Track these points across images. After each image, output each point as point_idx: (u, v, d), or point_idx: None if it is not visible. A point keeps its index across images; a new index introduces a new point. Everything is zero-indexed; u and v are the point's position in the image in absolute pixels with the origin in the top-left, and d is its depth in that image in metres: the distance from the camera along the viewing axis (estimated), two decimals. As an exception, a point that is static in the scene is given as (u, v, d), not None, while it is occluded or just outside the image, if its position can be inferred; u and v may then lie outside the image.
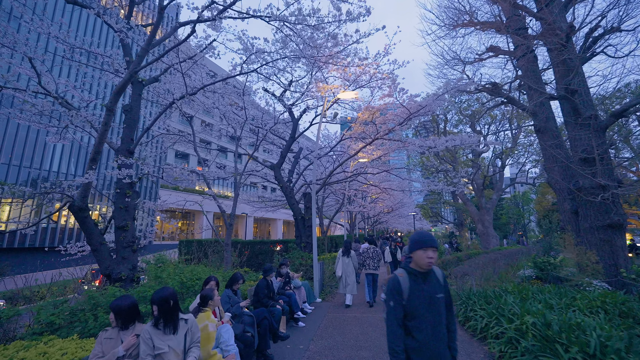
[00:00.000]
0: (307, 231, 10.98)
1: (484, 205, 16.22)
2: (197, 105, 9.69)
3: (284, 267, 6.15)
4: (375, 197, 23.34)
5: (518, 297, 5.14)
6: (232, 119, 9.97)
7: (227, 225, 8.49)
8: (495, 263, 9.10)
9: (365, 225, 31.95)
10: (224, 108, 9.95)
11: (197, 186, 39.32)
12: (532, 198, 33.76)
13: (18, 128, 20.22)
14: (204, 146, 12.21)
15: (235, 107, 10.30)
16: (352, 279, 7.10)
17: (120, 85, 5.22)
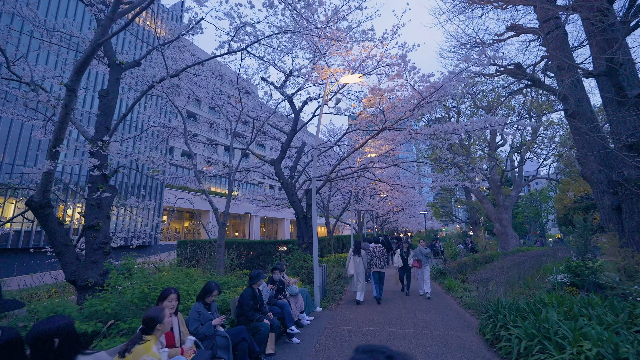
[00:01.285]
0: (309, 231, 10.14)
1: (501, 202, 15.05)
2: (188, 96, 8.97)
3: (276, 272, 5.32)
4: (384, 196, 22.34)
5: (561, 312, 4.16)
6: (228, 111, 9.22)
7: (219, 225, 7.72)
8: (520, 266, 8.06)
9: (374, 225, 30.91)
10: (219, 99, 9.21)
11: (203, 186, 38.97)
12: (551, 196, 32.07)
13: (10, 125, 19.84)
14: (198, 141, 11.50)
15: (232, 99, 9.56)
16: (363, 277, 7.47)
17: (81, 60, 4.47)
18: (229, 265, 10.20)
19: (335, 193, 18.48)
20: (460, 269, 10.39)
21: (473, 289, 8.17)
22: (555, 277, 6.97)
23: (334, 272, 10.45)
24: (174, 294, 2.80)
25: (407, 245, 8.42)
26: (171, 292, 2.79)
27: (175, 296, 2.79)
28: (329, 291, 8.35)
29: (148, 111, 9.18)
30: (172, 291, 2.81)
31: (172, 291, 2.81)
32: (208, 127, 13.26)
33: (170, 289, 2.83)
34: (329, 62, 8.96)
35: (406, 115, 7.73)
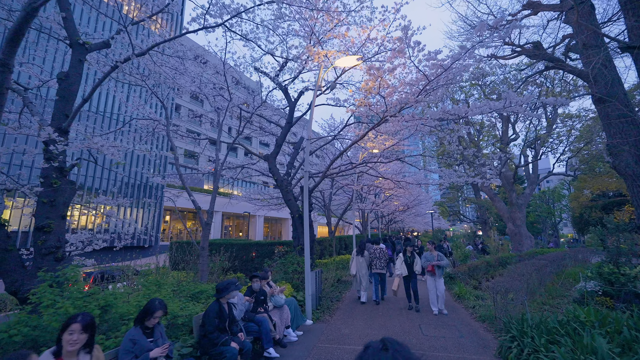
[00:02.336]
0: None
1: (514, 200, 14.02)
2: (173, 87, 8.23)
3: (255, 280, 4.52)
4: (389, 195, 21.41)
5: (604, 334, 3.27)
6: (215, 101, 8.47)
7: (202, 225, 6.96)
8: (540, 271, 7.12)
9: (379, 225, 29.97)
10: (205, 89, 8.47)
11: (205, 185, 38.54)
12: (564, 194, 30.68)
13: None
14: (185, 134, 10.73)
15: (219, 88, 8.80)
16: (366, 277, 7.53)
17: (13, 29, 3.76)
18: (218, 268, 9.45)
19: (337, 191, 17.64)
20: (471, 273, 9.47)
21: (487, 296, 7.26)
22: (583, 285, 6.03)
23: (333, 275, 9.63)
24: (78, 323, 1.97)
25: (411, 249, 6.89)
26: (75, 321, 1.98)
27: (80, 326, 1.96)
28: (325, 299, 7.52)
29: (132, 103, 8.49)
30: (78, 319, 1.99)
31: (78, 319, 1.99)
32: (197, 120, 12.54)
33: (77, 315, 2.01)
34: (326, 47, 8.16)
35: (410, 102, 6.86)
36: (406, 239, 18.25)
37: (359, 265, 7.49)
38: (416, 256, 6.83)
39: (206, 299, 5.34)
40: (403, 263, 6.81)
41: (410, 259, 6.83)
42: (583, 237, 30.69)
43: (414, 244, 6.82)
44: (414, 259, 6.80)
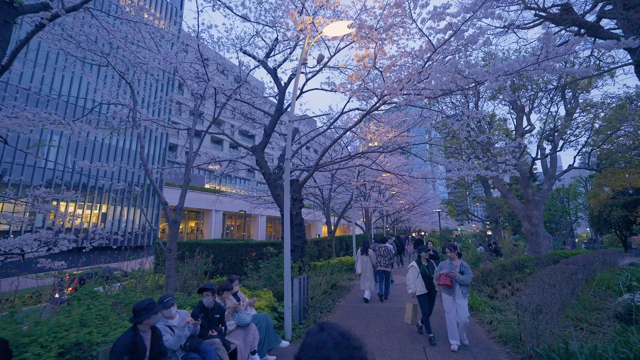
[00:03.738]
0: (296, 231, 8.30)
1: (531, 197, 12.73)
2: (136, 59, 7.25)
3: (207, 295, 3.46)
4: (394, 192, 20.23)
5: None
6: (191, 80, 7.46)
7: (170, 223, 5.96)
8: (570, 278, 5.92)
9: (384, 224, 28.77)
10: (183, 72, 7.47)
11: (206, 184, 37.79)
12: (581, 191, 28.99)
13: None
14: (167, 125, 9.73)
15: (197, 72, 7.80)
16: (370, 276, 7.62)
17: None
18: (197, 272, 8.45)
19: (337, 188, 16.54)
20: (484, 278, 8.29)
21: (505, 307, 6.10)
22: (631, 297, 4.83)
23: (326, 280, 8.55)
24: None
25: (426, 255, 5.01)
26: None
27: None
28: (313, 309, 6.45)
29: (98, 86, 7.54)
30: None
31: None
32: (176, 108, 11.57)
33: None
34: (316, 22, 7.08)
35: (412, 77, 5.74)
36: (418, 241, 16.83)
37: (363, 265, 7.65)
38: (435, 266, 4.90)
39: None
40: (419, 276, 4.79)
41: (429, 269, 4.84)
42: (601, 237, 29.01)
43: (425, 247, 5.14)
44: (432, 270, 4.84)
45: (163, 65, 7.26)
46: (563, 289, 4.84)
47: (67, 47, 5.91)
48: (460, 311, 4.34)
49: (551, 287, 4.54)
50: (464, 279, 4.35)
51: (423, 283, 4.77)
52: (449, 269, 4.48)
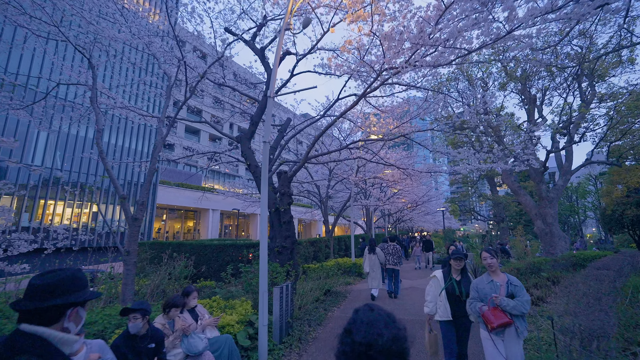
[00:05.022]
0: (284, 230, 7.35)
1: (544, 194, 11.70)
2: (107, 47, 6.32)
3: (134, 319, 2.49)
4: (396, 191, 19.26)
5: None
6: (164, 58, 6.53)
7: (128, 221, 5.01)
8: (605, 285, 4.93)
9: (386, 223, 27.81)
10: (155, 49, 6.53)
11: (203, 183, 36.88)
12: (591, 190, 27.85)
13: None
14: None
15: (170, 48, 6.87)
16: (378, 274, 7.64)
17: None
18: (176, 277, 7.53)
19: (335, 185, 15.58)
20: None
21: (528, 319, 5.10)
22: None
23: (319, 286, 7.59)
24: None
25: (461, 265, 3.31)
26: None
27: None
28: (301, 321, 5.48)
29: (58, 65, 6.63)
30: None
31: None
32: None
33: None
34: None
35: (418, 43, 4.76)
36: (426, 242, 14.79)
37: (371, 263, 7.66)
38: (470, 278, 3.31)
39: (91, 336, 3.38)
40: (443, 294, 3.25)
41: (461, 286, 3.22)
42: (611, 237, 27.88)
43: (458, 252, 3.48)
44: (465, 285, 3.22)
45: (131, 40, 6.33)
46: (610, 303, 3.86)
47: (6, 12, 4.97)
48: (514, 358, 2.58)
49: (596, 301, 3.55)
50: (517, 306, 2.57)
51: (447, 305, 3.16)
52: (489, 290, 2.78)
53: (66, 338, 1.14)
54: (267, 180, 4.39)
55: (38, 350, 1.05)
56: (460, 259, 3.29)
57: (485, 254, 2.99)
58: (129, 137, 25.71)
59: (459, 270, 3.30)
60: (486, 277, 2.93)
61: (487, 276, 2.93)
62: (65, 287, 1.19)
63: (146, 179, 5.38)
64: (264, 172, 4.35)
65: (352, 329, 0.99)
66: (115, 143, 24.61)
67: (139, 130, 26.50)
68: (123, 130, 25.10)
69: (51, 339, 1.10)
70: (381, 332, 0.95)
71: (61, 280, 1.19)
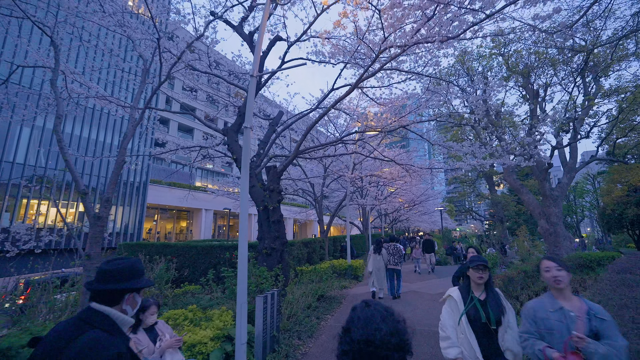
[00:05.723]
0: (273, 230, 6.70)
1: (548, 192, 11.21)
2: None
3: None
4: (393, 190, 18.73)
5: None
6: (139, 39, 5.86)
7: (90, 220, 4.34)
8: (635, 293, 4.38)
9: (383, 223, 27.30)
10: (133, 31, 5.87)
11: (197, 182, 36.03)
12: (589, 189, 27.59)
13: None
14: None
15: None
16: (382, 274, 7.63)
17: None
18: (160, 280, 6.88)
19: (330, 183, 14.98)
20: (505, 287, 6.75)
21: None
22: None
23: (311, 291, 6.96)
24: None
25: (484, 277, 2.29)
26: None
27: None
28: (290, 333, 4.85)
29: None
30: None
31: None
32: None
33: None
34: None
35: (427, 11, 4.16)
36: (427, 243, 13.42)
37: (376, 263, 7.63)
38: (505, 307, 2.24)
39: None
40: (463, 322, 2.23)
41: (489, 307, 2.22)
42: (609, 237, 27.66)
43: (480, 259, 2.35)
44: (500, 312, 2.20)
45: (101, 20, 5.65)
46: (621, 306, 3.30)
47: None
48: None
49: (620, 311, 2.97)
50: (609, 356, 1.65)
51: (473, 339, 2.15)
52: (558, 323, 1.86)
53: (125, 318, 1.30)
54: (248, 170, 3.76)
55: (105, 326, 1.22)
56: (485, 268, 2.29)
57: (548, 262, 1.98)
58: (111, 132, 24.64)
59: (482, 284, 2.31)
60: (550, 301, 1.94)
61: (552, 299, 1.94)
62: (126, 274, 1.34)
63: (113, 172, 4.71)
64: (244, 161, 3.72)
65: (351, 328, 0.99)
66: (88, 136, 23.14)
67: (121, 124, 25.56)
68: (104, 124, 23.96)
69: (114, 318, 1.26)
70: (379, 327, 0.95)
71: (123, 268, 1.35)
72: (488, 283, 2.33)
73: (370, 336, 0.94)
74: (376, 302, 1.06)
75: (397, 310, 1.03)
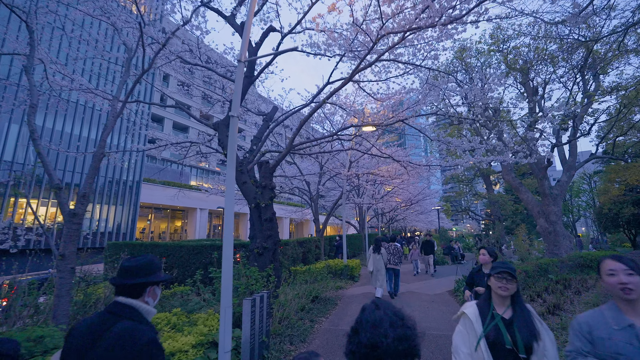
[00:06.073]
0: (265, 228, 6.40)
1: (548, 190, 11.03)
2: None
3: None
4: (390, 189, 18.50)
5: None
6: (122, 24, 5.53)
7: (65, 217, 4.01)
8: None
9: (379, 223, 27.08)
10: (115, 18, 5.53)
11: (192, 181, 35.52)
12: (585, 189, 27.60)
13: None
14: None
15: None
16: (382, 273, 7.60)
17: None
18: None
19: (326, 182, 14.70)
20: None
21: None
22: None
23: (306, 291, 6.67)
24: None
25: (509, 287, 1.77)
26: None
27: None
28: (282, 337, 4.56)
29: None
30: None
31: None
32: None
33: None
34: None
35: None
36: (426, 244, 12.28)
37: (375, 262, 7.65)
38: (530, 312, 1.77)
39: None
40: (482, 347, 1.68)
41: (516, 329, 1.68)
42: (605, 237, 27.70)
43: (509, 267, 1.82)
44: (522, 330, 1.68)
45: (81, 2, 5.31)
46: None
47: None
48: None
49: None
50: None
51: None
52: (626, 344, 1.40)
53: (149, 309, 1.41)
54: (234, 162, 3.46)
55: (133, 316, 1.33)
56: (511, 277, 1.76)
57: (614, 264, 1.50)
58: (96, 127, 23.91)
59: (507, 298, 1.77)
60: (614, 315, 1.49)
61: (617, 313, 1.49)
62: (146, 269, 1.45)
63: (91, 166, 4.38)
64: (230, 150, 3.42)
65: (359, 329, 0.97)
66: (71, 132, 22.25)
67: (106, 119, 25.00)
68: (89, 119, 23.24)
69: (140, 309, 1.37)
70: (386, 333, 0.92)
71: (143, 264, 1.46)
72: (515, 297, 1.78)
73: (377, 341, 0.91)
74: (386, 304, 1.02)
75: (407, 314, 1.00)
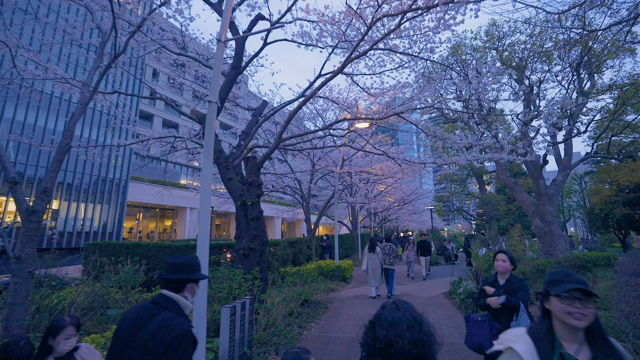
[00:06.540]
0: (252, 228, 6.01)
1: (543, 190, 10.86)
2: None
3: None
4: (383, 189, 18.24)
5: None
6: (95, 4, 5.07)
7: (22, 215, 3.56)
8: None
9: (372, 223, 26.82)
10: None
11: (182, 180, 34.76)
12: (576, 189, 27.82)
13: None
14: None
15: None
16: (378, 273, 7.58)
17: None
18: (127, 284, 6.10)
19: (318, 180, 14.34)
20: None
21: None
22: None
23: (295, 295, 6.29)
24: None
25: (583, 314, 1.11)
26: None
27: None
28: (265, 347, 4.17)
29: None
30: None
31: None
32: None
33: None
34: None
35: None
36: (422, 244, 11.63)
37: (370, 262, 7.60)
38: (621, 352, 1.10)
39: None
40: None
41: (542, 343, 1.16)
42: (595, 237, 27.98)
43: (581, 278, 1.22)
44: None
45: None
46: None
47: None
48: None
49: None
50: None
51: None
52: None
53: (187, 303, 1.53)
54: (212, 152, 3.07)
55: (174, 308, 1.46)
56: (588, 296, 1.13)
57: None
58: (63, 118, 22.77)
59: (580, 330, 1.15)
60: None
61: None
62: (189, 266, 1.57)
63: (54, 158, 3.93)
64: (207, 139, 3.03)
65: (376, 325, 0.99)
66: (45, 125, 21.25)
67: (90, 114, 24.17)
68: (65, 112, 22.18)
69: (180, 303, 1.49)
70: (402, 334, 0.93)
71: (187, 262, 1.58)
72: (594, 328, 1.15)
73: (392, 340, 0.93)
74: (407, 305, 1.03)
75: (427, 319, 0.99)
